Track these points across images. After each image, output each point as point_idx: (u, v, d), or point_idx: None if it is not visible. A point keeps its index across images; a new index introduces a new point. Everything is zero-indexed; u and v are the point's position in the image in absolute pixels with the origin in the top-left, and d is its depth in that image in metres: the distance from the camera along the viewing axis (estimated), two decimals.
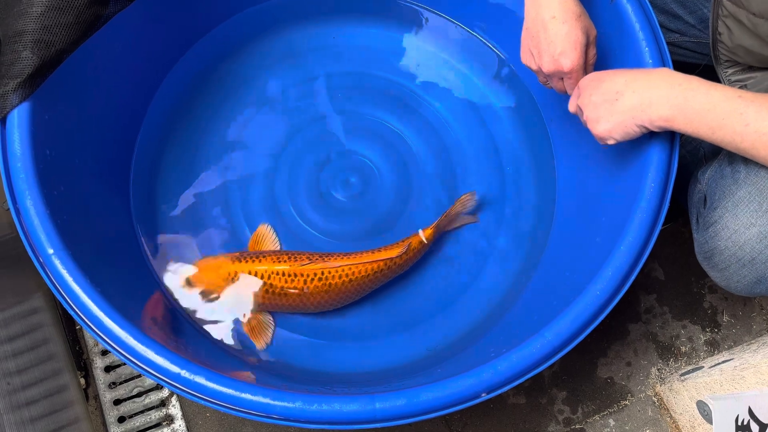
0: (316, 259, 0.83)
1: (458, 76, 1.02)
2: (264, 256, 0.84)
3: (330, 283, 0.82)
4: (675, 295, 1.03)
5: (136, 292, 0.81)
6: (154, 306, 0.81)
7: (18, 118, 0.69)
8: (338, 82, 1.02)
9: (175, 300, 0.85)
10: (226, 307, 0.85)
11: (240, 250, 0.89)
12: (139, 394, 0.93)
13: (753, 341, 0.96)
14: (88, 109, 0.81)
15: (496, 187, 0.97)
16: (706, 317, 1.02)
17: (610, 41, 0.81)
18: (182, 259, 0.88)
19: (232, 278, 0.83)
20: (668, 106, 0.63)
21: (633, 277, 0.69)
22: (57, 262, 0.65)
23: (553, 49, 0.71)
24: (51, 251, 0.65)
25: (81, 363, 0.95)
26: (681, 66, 0.86)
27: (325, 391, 0.67)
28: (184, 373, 0.62)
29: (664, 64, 0.75)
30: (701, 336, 1.01)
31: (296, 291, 0.82)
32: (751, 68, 0.74)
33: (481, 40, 1.03)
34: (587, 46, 0.72)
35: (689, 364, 0.98)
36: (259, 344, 0.85)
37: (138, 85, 0.94)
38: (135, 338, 0.63)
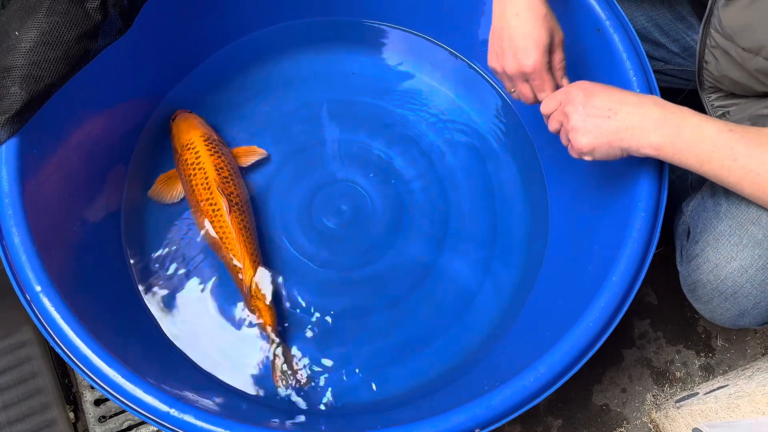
0: (236, 202, 0.87)
1: (451, 105, 1.03)
2: (219, 156, 0.90)
3: (214, 221, 0.87)
4: (668, 320, 1.02)
5: (126, 328, 0.80)
6: None
7: (6, 154, 0.68)
8: (332, 109, 1.02)
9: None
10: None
11: (224, 151, 0.93)
12: (129, 428, 0.92)
13: (747, 366, 0.95)
14: (78, 143, 0.81)
15: (488, 215, 0.96)
16: (700, 342, 1.01)
17: (597, 69, 0.82)
18: (170, 114, 0.97)
19: (187, 146, 0.91)
20: (660, 134, 0.62)
21: (626, 307, 0.68)
22: (45, 300, 0.64)
23: (514, 46, 0.70)
24: (38, 288, 0.65)
25: (70, 396, 0.93)
26: (665, 91, 0.87)
27: (315, 428, 0.66)
28: (173, 412, 0.61)
29: (651, 94, 0.76)
30: (696, 361, 1.00)
31: (197, 198, 0.88)
32: (734, 95, 0.74)
33: (473, 68, 1.04)
34: (552, 47, 0.71)
35: (684, 390, 0.98)
36: (150, 191, 0.93)
37: (128, 117, 0.94)
38: (123, 377, 0.62)
